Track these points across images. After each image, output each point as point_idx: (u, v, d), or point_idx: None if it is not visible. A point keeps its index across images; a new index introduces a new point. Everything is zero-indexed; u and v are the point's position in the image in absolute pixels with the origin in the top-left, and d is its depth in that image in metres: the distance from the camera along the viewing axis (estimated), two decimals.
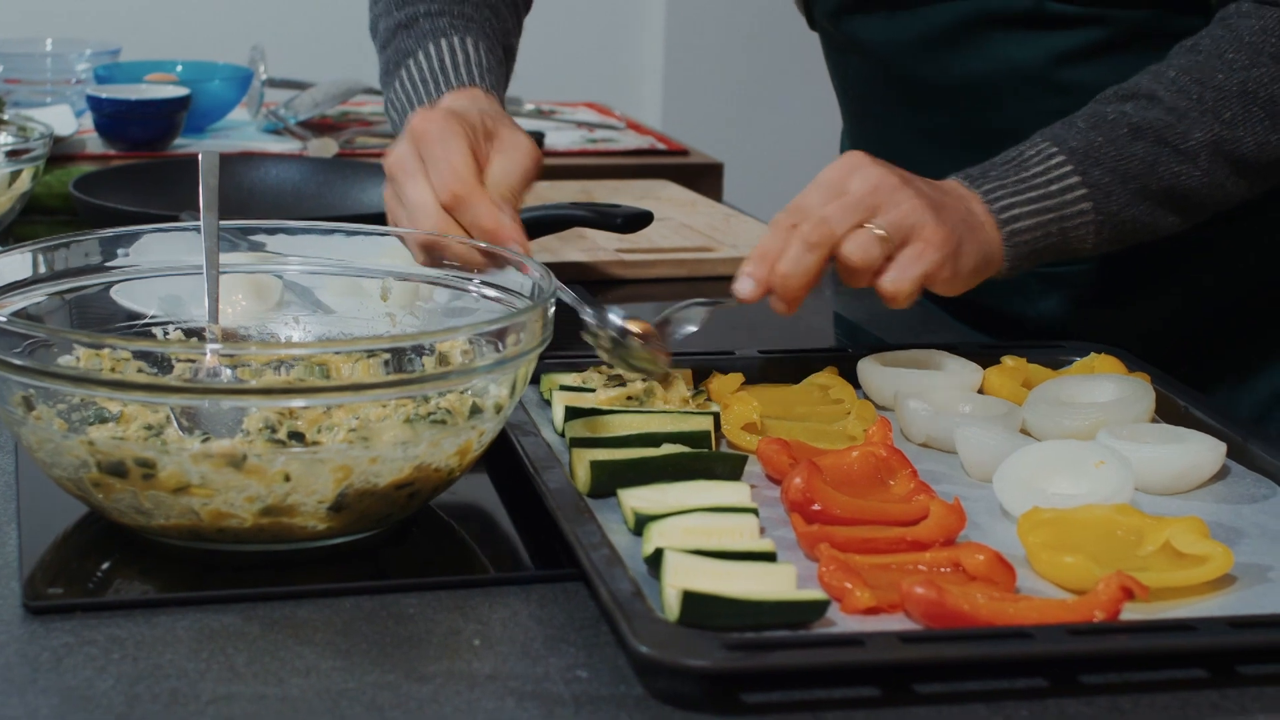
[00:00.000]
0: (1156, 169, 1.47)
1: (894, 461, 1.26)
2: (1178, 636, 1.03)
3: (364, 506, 1.15)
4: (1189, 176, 1.48)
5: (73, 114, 2.43)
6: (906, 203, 1.38)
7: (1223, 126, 1.48)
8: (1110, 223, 1.47)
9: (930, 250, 1.38)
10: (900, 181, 1.39)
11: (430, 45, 1.60)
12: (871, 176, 1.38)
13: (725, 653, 0.98)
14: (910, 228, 1.37)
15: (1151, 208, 1.48)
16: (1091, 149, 1.47)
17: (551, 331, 1.22)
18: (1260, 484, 1.30)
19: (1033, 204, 1.45)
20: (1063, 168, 1.46)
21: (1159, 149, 1.47)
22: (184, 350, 1.27)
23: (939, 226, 1.38)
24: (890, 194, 1.38)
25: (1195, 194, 1.49)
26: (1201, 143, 1.48)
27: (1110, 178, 1.47)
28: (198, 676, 1.02)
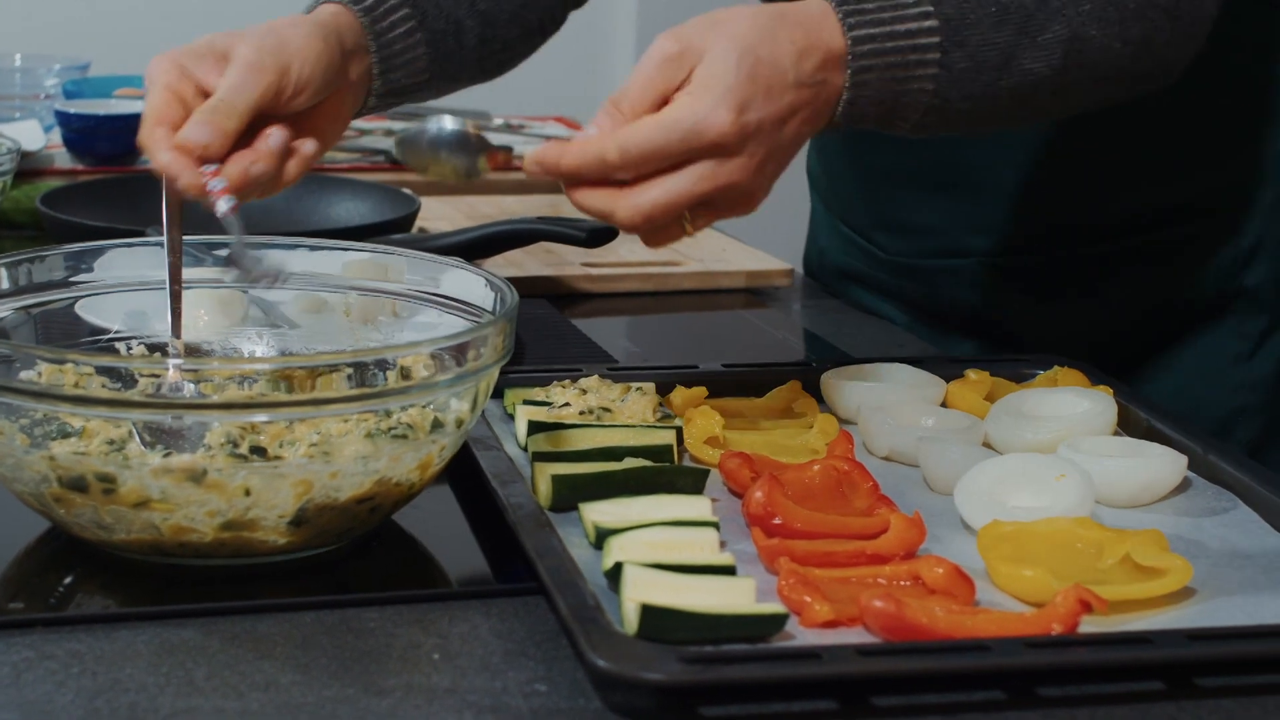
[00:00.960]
0: (1010, 63, 1.36)
1: (855, 475, 1.27)
2: (1135, 649, 1.04)
3: (324, 521, 1.15)
4: (1037, 75, 1.37)
5: (41, 129, 2.43)
6: (730, 204, 1.28)
7: (1080, 20, 1.37)
8: (940, 108, 1.35)
9: (732, 212, 1.30)
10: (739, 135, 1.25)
11: None
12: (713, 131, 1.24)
13: (682, 666, 0.98)
14: (729, 205, 1.29)
15: (989, 104, 1.36)
16: (963, 24, 1.34)
17: (513, 345, 1.22)
18: (1221, 497, 1.31)
19: (887, 70, 1.32)
20: (930, 37, 1.33)
21: (1019, 39, 1.35)
22: (146, 365, 1.27)
23: (747, 202, 1.29)
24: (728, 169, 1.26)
25: (1034, 98, 1.38)
26: (1059, 37, 1.36)
27: (967, 64, 1.34)
28: (157, 691, 1.02)
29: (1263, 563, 1.20)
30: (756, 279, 1.95)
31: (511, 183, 2.39)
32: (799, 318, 1.88)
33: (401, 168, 2.34)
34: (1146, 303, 1.72)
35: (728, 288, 1.95)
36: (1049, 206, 1.72)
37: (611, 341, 1.72)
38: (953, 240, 1.78)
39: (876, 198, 1.84)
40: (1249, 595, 1.15)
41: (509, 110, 2.85)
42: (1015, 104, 1.38)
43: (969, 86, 1.35)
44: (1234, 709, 1.03)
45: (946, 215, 1.77)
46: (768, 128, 1.27)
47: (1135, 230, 1.69)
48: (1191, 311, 1.73)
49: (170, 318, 1.31)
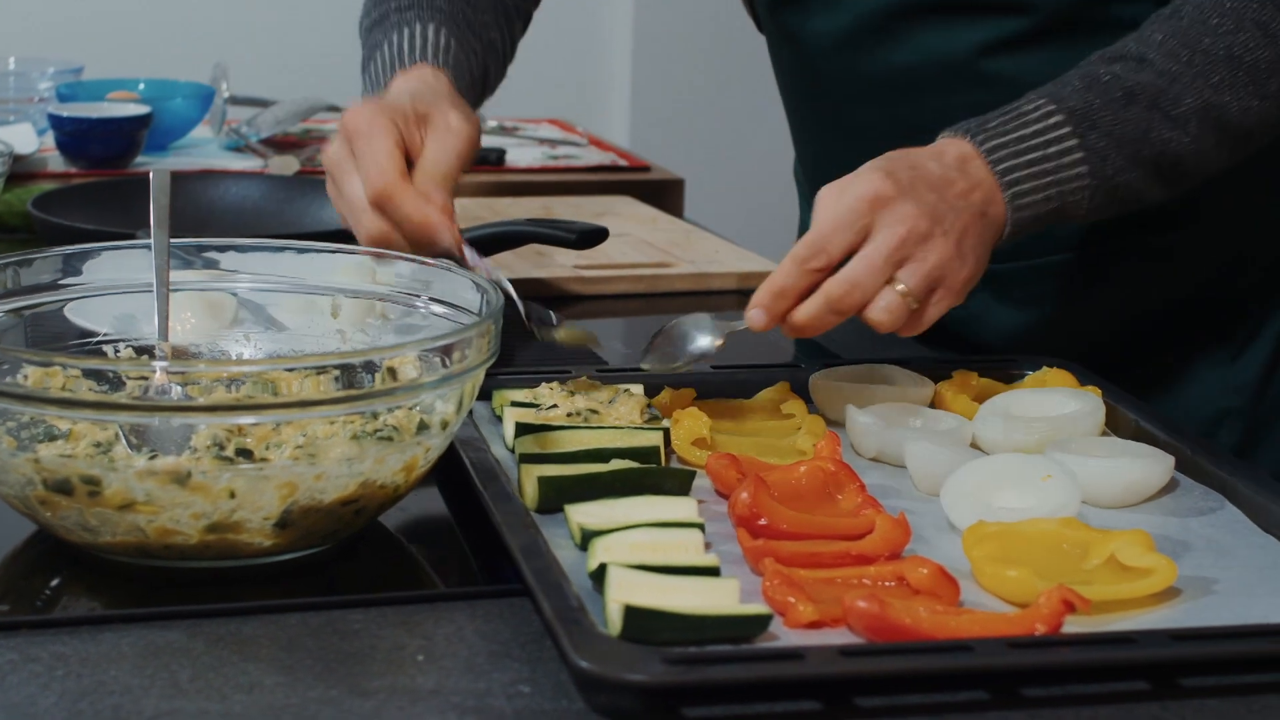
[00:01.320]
0: (1149, 135, 1.46)
1: (842, 476, 1.27)
2: (1118, 649, 1.04)
3: (309, 523, 1.15)
4: (1178, 143, 1.47)
5: (34, 132, 2.43)
6: (934, 255, 1.36)
7: (1211, 91, 1.47)
8: (1104, 188, 1.46)
9: (949, 297, 1.38)
10: (929, 226, 1.36)
11: (394, 34, 1.61)
12: (900, 225, 1.35)
13: (664, 667, 0.98)
14: (936, 279, 1.36)
15: (1142, 175, 1.47)
16: (1089, 111, 1.46)
17: (498, 347, 1.23)
18: (1208, 497, 1.31)
19: (1034, 167, 1.44)
20: (1061, 129, 1.45)
21: (1151, 114, 1.46)
22: (133, 368, 1.27)
23: (962, 271, 1.38)
24: (919, 246, 1.36)
25: (1182, 161, 1.49)
26: (1192, 108, 1.47)
27: (1106, 142, 1.45)
28: (141, 693, 1.02)
29: (1249, 562, 1.20)
30: (748, 280, 1.95)
31: (503, 184, 2.40)
32: None
33: None
34: (1130, 308, 1.72)
35: (719, 289, 1.95)
36: None
37: (604, 343, 1.72)
38: None
39: None
40: (1234, 595, 1.15)
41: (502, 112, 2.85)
42: (1169, 174, 1.48)
43: (1118, 160, 1.45)
44: (1219, 709, 1.03)
45: None
46: (923, 186, 1.38)
47: (1118, 237, 1.69)
48: (1176, 317, 1.72)
49: (157, 320, 1.31)
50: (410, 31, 1.59)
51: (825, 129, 1.80)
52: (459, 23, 1.63)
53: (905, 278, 1.35)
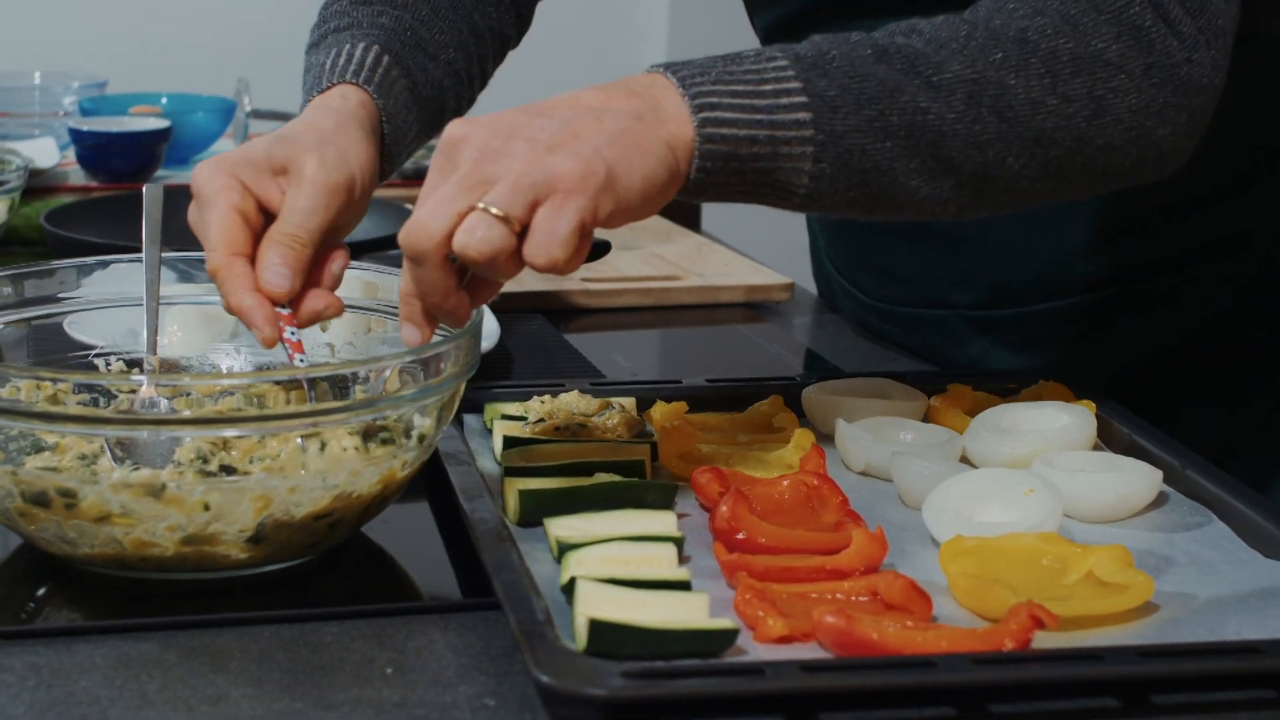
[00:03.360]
0: (898, 97, 1.21)
1: (825, 490, 1.27)
2: (1084, 665, 1.03)
3: (283, 538, 1.15)
4: (939, 116, 1.22)
5: (57, 146, 2.45)
6: (519, 156, 1.14)
7: (991, 68, 1.24)
8: (834, 149, 1.20)
9: (571, 196, 1.13)
10: (505, 139, 1.15)
11: (322, 55, 1.45)
12: (469, 148, 1.16)
13: (624, 681, 0.98)
14: (533, 184, 1.13)
15: (889, 145, 1.22)
16: (821, 59, 1.22)
17: (477, 360, 1.23)
18: (1196, 512, 1.30)
19: (739, 98, 1.19)
20: (782, 71, 1.21)
21: (905, 77, 1.22)
22: (118, 381, 1.28)
23: (572, 163, 1.13)
24: (495, 160, 1.14)
25: (948, 140, 1.23)
26: (958, 77, 1.23)
27: (838, 92, 1.20)
28: (109, 704, 1.02)
29: (1230, 579, 1.19)
30: (756, 293, 1.96)
31: None
32: (797, 333, 1.88)
33: (409, 183, 2.35)
34: (1132, 352, 1.69)
35: (726, 302, 1.95)
36: (1034, 261, 1.68)
37: (605, 357, 1.72)
38: (934, 292, 1.74)
39: (861, 242, 1.80)
40: (1212, 611, 1.14)
41: None
42: (940, 153, 1.23)
43: (851, 118, 1.21)
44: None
45: (926, 267, 1.73)
46: (515, 113, 1.18)
47: (1119, 282, 1.66)
48: (1180, 356, 1.70)
49: (146, 334, 1.31)
50: (337, 51, 1.43)
51: None
52: (404, 41, 1.46)
53: (489, 197, 1.13)
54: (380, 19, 1.47)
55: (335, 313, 1.28)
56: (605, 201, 1.14)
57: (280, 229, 1.27)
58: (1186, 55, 1.29)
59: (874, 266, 1.79)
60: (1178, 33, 1.28)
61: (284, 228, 1.27)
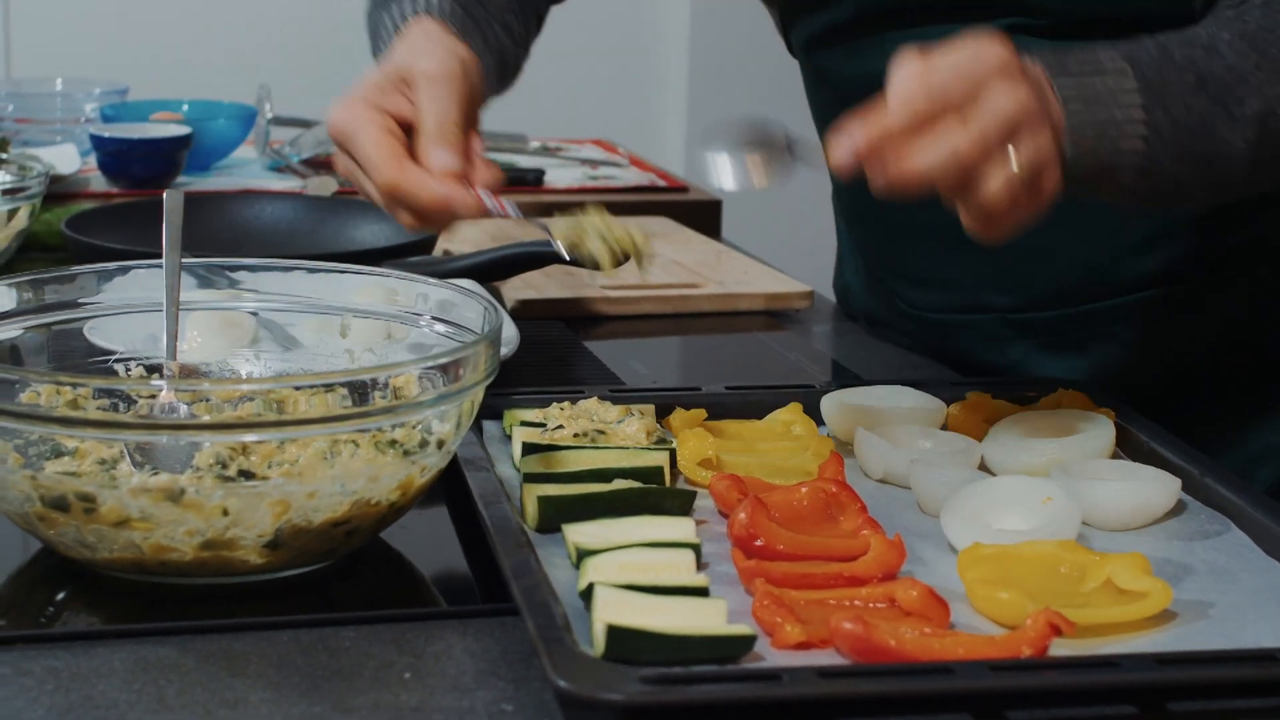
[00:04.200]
0: (1211, 131, 1.37)
1: (843, 497, 1.27)
2: (1102, 672, 1.03)
3: (300, 544, 1.16)
4: (1232, 147, 1.37)
5: (78, 153, 2.45)
6: (1043, 140, 1.27)
7: (1276, 99, 1.38)
8: (1152, 172, 1.35)
9: (1041, 198, 1.28)
10: (1039, 106, 1.27)
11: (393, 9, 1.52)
12: (1016, 94, 1.25)
13: (642, 687, 0.98)
14: (1039, 167, 1.26)
15: (1189, 169, 1.37)
16: (1164, 86, 1.35)
17: (496, 366, 1.23)
18: (1214, 520, 1.30)
19: (1098, 128, 1.33)
20: (1133, 96, 1.34)
21: (1216, 108, 1.37)
22: (138, 387, 1.29)
23: (1055, 171, 1.28)
24: (1030, 125, 1.26)
25: (1231, 169, 1.38)
26: (1255, 112, 1.37)
27: (1171, 128, 1.35)
28: (127, 708, 1.03)
29: (1249, 586, 1.19)
30: (776, 301, 1.96)
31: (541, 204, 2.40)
32: (816, 341, 1.88)
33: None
34: (1168, 355, 1.70)
35: (746, 310, 1.95)
36: (1075, 264, 1.69)
37: (625, 364, 1.73)
38: (974, 297, 1.74)
39: (897, 249, 1.81)
40: (1230, 619, 1.14)
41: (546, 133, 2.86)
42: (1214, 177, 1.39)
43: (1174, 148, 1.35)
44: None
45: (967, 271, 1.73)
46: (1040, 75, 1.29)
47: (1159, 284, 1.66)
48: (1216, 360, 1.70)
49: (165, 339, 1.32)
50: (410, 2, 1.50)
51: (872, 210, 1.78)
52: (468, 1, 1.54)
53: (1017, 156, 1.25)
54: None
55: (499, 179, 1.37)
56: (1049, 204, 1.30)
57: (426, 127, 1.37)
58: None
59: (914, 274, 1.79)
60: None
61: (428, 124, 1.37)
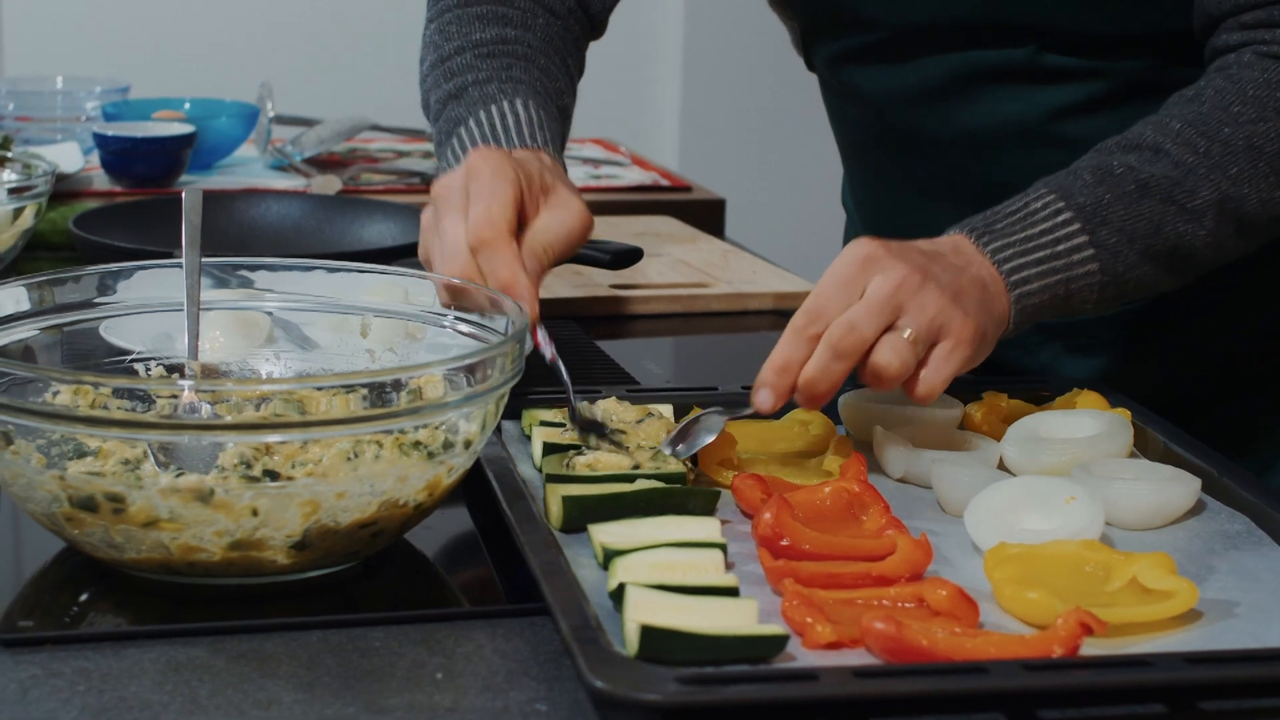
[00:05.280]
0: (1163, 229, 1.43)
1: (866, 497, 1.27)
2: (1133, 672, 1.04)
3: (327, 545, 1.16)
4: (1194, 236, 1.44)
5: (80, 151, 2.45)
6: (932, 301, 1.32)
7: (1229, 184, 1.44)
8: (1115, 283, 1.43)
9: (960, 347, 1.33)
10: (921, 277, 1.33)
11: (481, 112, 1.55)
12: (892, 275, 1.32)
13: (678, 687, 0.98)
14: (939, 328, 1.32)
15: (1155, 268, 1.44)
16: (1100, 206, 1.42)
17: (522, 366, 1.23)
18: (1235, 519, 1.30)
19: (1041, 265, 1.40)
20: (1070, 225, 1.42)
21: (1165, 207, 1.43)
22: (161, 386, 1.29)
23: (966, 321, 1.33)
24: (914, 293, 1.32)
25: (1197, 253, 1.45)
26: (1208, 201, 1.44)
27: (1118, 238, 1.42)
28: (161, 708, 1.02)
29: (1272, 585, 1.20)
30: (784, 301, 1.96)
31: None
32: None
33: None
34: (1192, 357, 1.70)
35: (756, 309, 1.95)
36: None
37: (637, 363, 1.73)
38: None
39: None
40: (1255, 618, 1.15)
41: None
42: (1183, 265, 1.46)
43: (1130, 256, 1.42)
44: None
45: None
46: (914, 252, 1.35)
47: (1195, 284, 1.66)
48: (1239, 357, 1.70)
49: (187, 339, 1.32)
50: (500, 109, 1.55)
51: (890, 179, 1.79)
52: (539, 92, 1.59)
53: (906, 322, 1.31)
54: (513, 72, 1.60)
55: None
56: (976, 359, 1.36)
57: (540, 241, 1.41)
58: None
59: None
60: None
61: (543, 242, 1.42)
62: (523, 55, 1.62)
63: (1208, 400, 1.69)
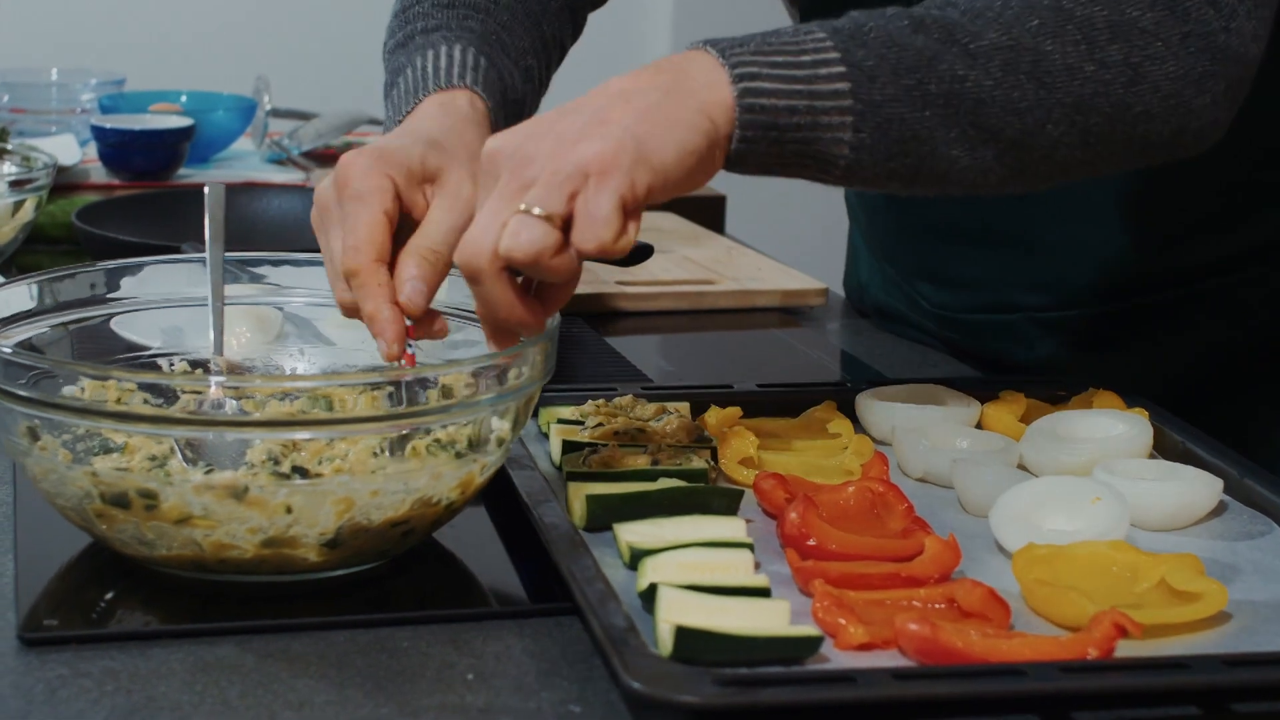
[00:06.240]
0: (936, 66, 1.22)
1: (890, 497, 1.27)
2: (1172, 674, 1.03)
3: (359, 543, 1.15)
4: (977, 84, 1.22)
5: (77, 144, 2.44)
6: (545, 153, 1.14)
7: (1025, 34, 1.24)
8: (873, 117, 1.21)
9: (606, 179, 1.13)
10: (538, 132, 1.16)
11: (419, 58, 1.44)
12: (507, 150, 1.16)
13: (717, 689, 0.98)
14: (567, 177, 1.13)
15: (928, 114, 1.22)
16: (858, 31, 1.22)
17: (554, 365, 1.22)
18: (1257, 520, 1.30)
19: (779, 68, 1.20)
20: (821, 42, 1.21)
21: (943, 46, 1.22)
22: (189, 382, 1.28)
23: (600, 145, 1.14)
24: (530, 159, 1.15)
25: (987, 107, 1.23)
26: (995, 44, 1.23)
27: (876, 61, 1.21)
28: (191, 709, 1.02)
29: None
30: (791, 298, 1.95)
31: None
32: (833, 337, 1.88)
33: None
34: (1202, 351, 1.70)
35: (762, 306, 1.95)
36: (1104, 261, 1.68)
37: (645, 360, 1.72)
38: (1001, 296, 1.74)
39: (921, 249, 1.81)
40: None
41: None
42: (979, 120, 1.24)
43: (890, 87, 1.21)
44: None
45: (995, 271, 1.74)
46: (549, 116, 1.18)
47: (1190, 280, 1.66)
48: (1248, 358, 1.70)
49: (213, 335, 1.31)
50: (437, 52, 1.43)
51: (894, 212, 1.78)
52: (493, 45, 1.48)
53: (528, 199, 1.13)
54: (468, 23, 1.49)
55: (443, 334, 1.27)
56: (641, 176, 1.14)
57: (425, 243, 1.26)
58: (1224, 24, 1.29)
59: (939, 275, 1.79)
60: (1214, 2, 1.29)
61: (429, 242, 1.26)
62: (483, 8, 1.53)
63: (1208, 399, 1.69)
